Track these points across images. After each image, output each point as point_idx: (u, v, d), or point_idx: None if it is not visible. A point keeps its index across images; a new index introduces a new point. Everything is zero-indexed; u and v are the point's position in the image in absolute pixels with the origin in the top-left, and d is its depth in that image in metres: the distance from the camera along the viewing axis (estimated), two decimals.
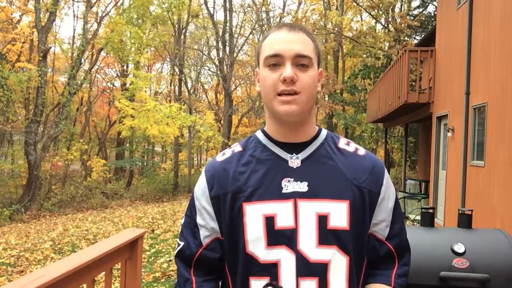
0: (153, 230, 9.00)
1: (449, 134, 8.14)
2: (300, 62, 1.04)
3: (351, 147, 1.16)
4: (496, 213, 6.03)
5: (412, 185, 11.71)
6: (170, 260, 6.35)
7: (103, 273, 2.14)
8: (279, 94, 1.04)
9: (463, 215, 2.05)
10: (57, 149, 21.14)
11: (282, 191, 1.05)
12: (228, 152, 1.17)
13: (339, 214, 1.04)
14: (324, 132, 1.17)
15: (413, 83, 10.26)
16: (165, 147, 29.94)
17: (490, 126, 6.39)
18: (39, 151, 16.04)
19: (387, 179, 1.13)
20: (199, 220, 1.13)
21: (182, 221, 1.18)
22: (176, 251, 1.17)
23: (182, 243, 1.15)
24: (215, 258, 1.12)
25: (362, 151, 1.16)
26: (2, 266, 6.69)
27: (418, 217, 8.74)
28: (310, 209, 1.04)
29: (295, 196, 1.05)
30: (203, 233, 1.12)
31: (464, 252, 1.82)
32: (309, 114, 1.11)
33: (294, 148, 1.11)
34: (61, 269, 1.63)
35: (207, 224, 1.12)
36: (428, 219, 2.16)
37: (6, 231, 11.08)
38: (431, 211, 2.20)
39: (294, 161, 1.09)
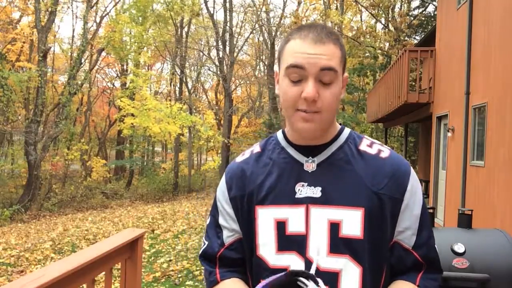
0: (153, 230, 9.00)
1: (449, 134, 8.14)
2: (324, 77, 0.97)
3: (374, 149, 1.08)
4: (496, 213, 6.03)
5: None
6: (170, 260, 6.35)
7: (103, 273, 2.14)
8: (299, 110, 0.99)
9: (463, 215, 2.05)
10: (57, 149, 21.15)
11: (295, 196, 1.03)
12: (247, 153, 1.16)
13: (352, 222, 0.99)
14: (346, 132, 1.11)
15: (413, 83, 10.25)
16: (166, 147, 29.96)
17: (490, 126, 6.39)
18: (39, 151, 16.05)
19: (413, 184, 1.05)
20: (221, 221, 1.13)
21: (207, 221, 1.19)
22: (200, 251, 1.18)
23: (206, 243, 1.15)
24: (238, 258, 1.11)
25: (385, 153, 1.08)
26: (2, 266, 6.69)
27: None
28: (322, 216, 1.01)
29: (307, 201, 1.02)
30: (225, 233, 1.12)
31: (464, 252, 1.82)
32: (331, 123, 1.07)
33: (311, 151, 1.06)
34: (61, 269, 1.63)
35: (229, 225, 1.11)
36: (429, 219, 2.16)
37: (6, 231, 11.08)
38: (431, 211, 2.20)
39: (310, 164, 1.05)
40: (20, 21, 23.79)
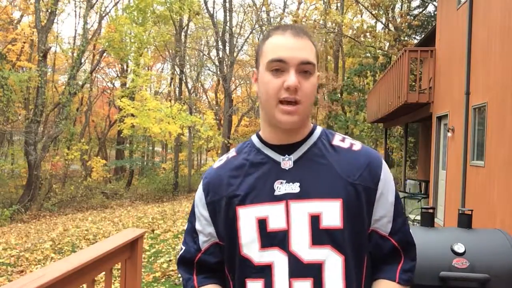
0: (153, 230, 9.00)
1: (449, 134, 8.14)
2: (304, 69, 1.03)
3: (346, 143, 1.13)
4: (496, 213, 6.03)
5: (412, 185, 11.71)
6: (170, 260, 6.35)
7: (103, 273, 2.14)
8: (281, 102, 1.03)
9: (463, 215, 2.05)
10: (57, 149, 21.15)
11: (275, 193, 1.06)
12: (224, 158, 1.20)
13: (332, 213, 1.03)
14: (319, 129, 1.15)
15: (413, 83, 10.25)
16: (166, 147, 29.96)
17: (490, 126, 6.39)
18: (39, 151, 16.05)
19: (385, 174, 1.10)
20: (197, 226, 1.16)
21: (186, 227, 1.22)
22: (178, 256, 1.21)
23: (183, 248, 1.19)
24: (214, 263, 1.15)
25: (357, 146, 1.13)
26: (2, 266, 6.69)
27: (418, 217, 8.74)
28: (302, 210, 1.04)
29: (287, 197, 1.05)
30: (201, 238, 1.15)
31: (464, 252, 1.82)
32: (307, 118, 1.11)
33: (287, 149, 1.10)
34: (61, 269, 1.63)
35: (205, 230, 1.14)
36: (428, 219, 2.16)
37: (6, 231, 11.09)
38: (431, 211, 2.20)
39: (287, 162, 1.09)
40: (21, 21, 23.80)
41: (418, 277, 1.84)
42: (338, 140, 1.14)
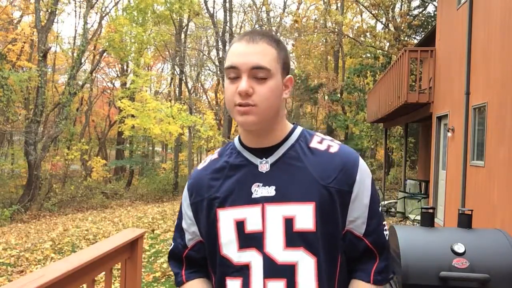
0: (153, 230, 9.00)
1: (449, 134, 8.14)
2: (257, 75, 1.04)
3: (324, 144, 1.14)
4: (496, 213, 6.03)
5: (412, 185, 11.71)
6: None
7: (103, 273, 2.14)
8: (237, 105, 1.05)
9: (463, 215, 2.05)
10: (57, 149, 21.15)
11: (252, 196, 1.09)
12: (207, 160, 1.24)
13: (305, 216, 1.05)
14: (298, 131, 1.16)
15: (413, 83, 10.25)
16: (166, 146, 29.96)
17: (490, 126, 6.39)
18: (39, 151, 16.05)
19: (362, 175, 1.11)
20: (183, 224, 1.22)
21: (175, 224, 1.29)
22: (169, 251, 1.28)
23: (173, 244, 1.26)
24: (201, 258, 1.21)
25: (335, 147, 1.13)
26: (2, 266, 6.69)
27: (418, 217, 8.74)
28: (277, 213, 1.07)
29: (263, 200, 1.08)
30: (187, 236, 1.22)
31: (464, 252, 1.82)
32: (275, 121, 1.11)
33: (264, 152, 1.12)
34: (61, 269, 1.63)
35: (189, 228, 1.20)
36: (428, 219, 2.16)
37: (6, 231, 11.08)
38: (431, 211, 2.20)
39: (264, 165, 1.11)
40: (21, 21, 23.80)
41: (418, 277, 1.84)
42: (316, 142, 1.15)
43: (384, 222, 1.17)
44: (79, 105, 25.05)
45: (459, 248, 1.85)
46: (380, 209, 1.16)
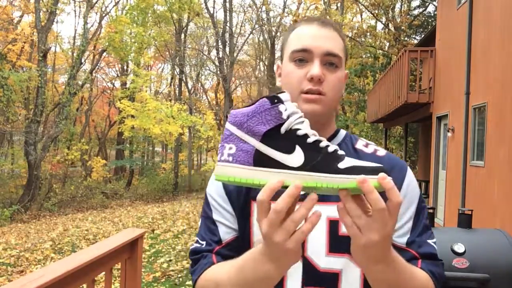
0: (153, 230, 9.00)
1: (449, 134, 8.14)
2: (330, 61, 0.97)
3: (370, 148, 1.07)
4: (496, 213, 6.03)
5: None
6: (170, 260, 6.35)
7: (103, 273, 2.14)
8: (304, 93, 0.97)
9: (463, 215, 2.05)
10: (57, 149, 21.15)
11: None
12: None
13: None
14: (343, 132, 1.10)
15: (413, 83, 10.25)
16: (166, 147, 29.95)
17: (490, 126, 6.39)
18: (39, 151, 16.05)
19: (409, 182, 1.01)
20: (216, 217, 1.03)
21: (199, 223, 1.09)
22: (190, 249, 1.06)
23: (198, 240, 1.05)
24: (232, 257, 0.99)
25: (381, 152, 1.06)
26: (2, 266, 6.69)
27: None
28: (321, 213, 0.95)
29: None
30: (223, 229, 1.02)
31: (464, 252, 1.82)
32: (332, 115, 1.06)
33: None
34: (61, 269, 1.63)
35: (226, 221, 1.02)
36: (428, 219, 2.16)
37: (6, 231, 11.08)
38: (431, 211, 2.20)
39: None
40: (21, 21, 23.80)
41: None
42: (362, 145, 1.08)
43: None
44: (79, 105, 25.06)
45: (459, 248, 1.85)
46: (427, 221, 1.04)
